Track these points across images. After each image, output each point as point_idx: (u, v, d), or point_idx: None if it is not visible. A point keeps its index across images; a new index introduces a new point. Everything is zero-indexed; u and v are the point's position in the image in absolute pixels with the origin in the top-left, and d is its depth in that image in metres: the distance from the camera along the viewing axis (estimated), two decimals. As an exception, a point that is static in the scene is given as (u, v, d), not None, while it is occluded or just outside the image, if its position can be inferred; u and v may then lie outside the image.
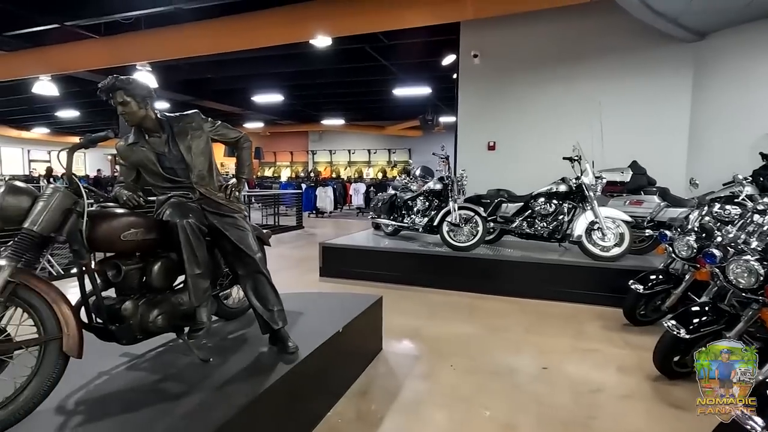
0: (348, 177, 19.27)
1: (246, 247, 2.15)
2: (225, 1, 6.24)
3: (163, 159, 2.10)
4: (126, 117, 2.00)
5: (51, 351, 1.53)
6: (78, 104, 14.43)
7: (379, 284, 5.05)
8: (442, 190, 5.45)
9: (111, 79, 1.97)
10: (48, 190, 1.61)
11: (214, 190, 2.20)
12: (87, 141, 1.73)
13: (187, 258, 1.94)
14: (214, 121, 2.28)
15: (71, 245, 1.65)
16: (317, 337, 2.36)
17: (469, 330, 3.70)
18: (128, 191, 2.01)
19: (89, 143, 1.72)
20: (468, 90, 6.66)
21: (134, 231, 1.82)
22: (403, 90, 11.91)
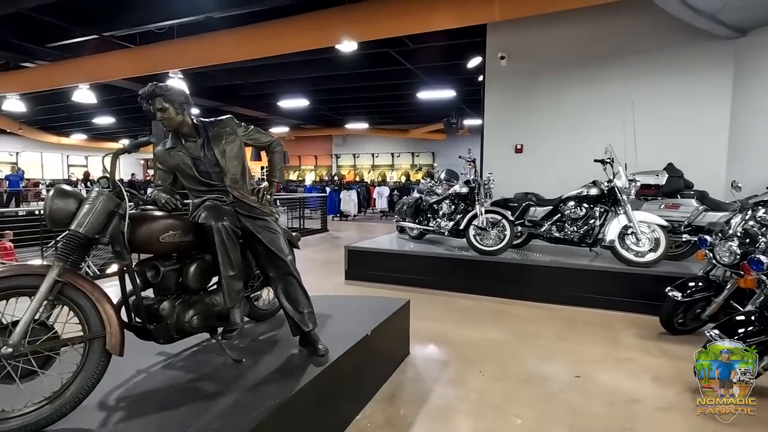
0: (371, 180, 19.34)
1: (277, 250, 2.18)
2: (254, 9, 6.40)
3: (198, 163, 2.15)
4: (164, 122, 2.07)
5: (95, 349, 1.58)
6: (113, 111, 15.03)
7: (404, 288, 5.03)
8: (468, 193, 5.39)
9: (151, 86, 2.03)
10: (93, 194, 1.67)
11: (247, 193, 2.24)
12: (130, 146, 1.79)
13: (221, 260, 1.98)
14: (247, 125, 2.32)
15: (113, 246, 1.71)
16: (346, 340, 2.36)
17: (498, 336, 3.63)
18: (166, 194, 2.07)
19: (132, 148, 1.78)
20: (494, 92, 6.58)
21: (172, 233, 1.87)
22: (428, 93, 11.89)
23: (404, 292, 4.84)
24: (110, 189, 1.71)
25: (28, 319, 1.47)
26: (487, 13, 5.37)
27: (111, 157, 1.73)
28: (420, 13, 5.59)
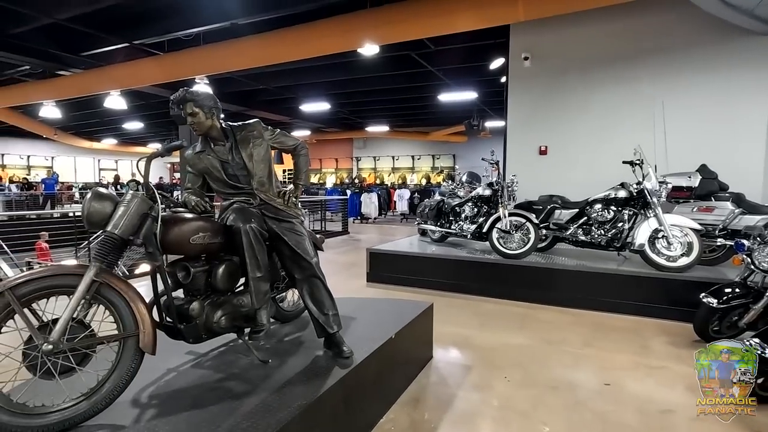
0: (392, 183, 19.36)
1: (303, 252, 2.19)
2: (278, 15, 6.51)
3: (226, 166, 2.19)
4: (194, 126, 2.12)
5: (129, 347, 1.63)
6: (142, 116, 15.51)
7: (426, 291, 5.01)
8: (491, 196, 5.33)
9: (182, 91, 2.09)
10: (127, 196, 1.72)
11: (273, 196, 2.27)
12: (163, 149, 1.84)
13: (249, 261, 2.01)
14: (274, 129, 2.36)
15: (146, 248, 1.76)
16: (370, 342, 2.36)
17: (523, 341, 3.56)
18: (196, 197, 2.11)
19: (165, 152, 1.83)
20: (518, 93, 6.49)
21: (202, 235, 1.91)
22: (449, 95, 11.83)
23: (426, 295, 4.82)
24: (143, 192, 1.76)
25: (68, 317, 1.53)
26: (511, 14, 5.31)
27: (145, 161, 1.78)
28: (443, 16, 5.57)
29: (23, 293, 1.51)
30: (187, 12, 6.68)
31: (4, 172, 19.80)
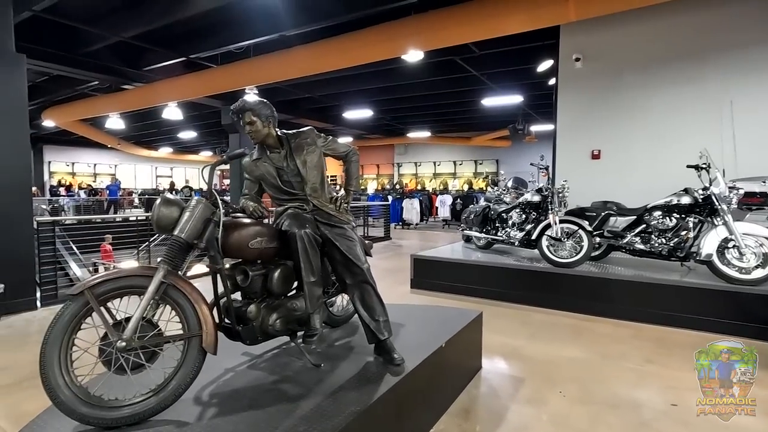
0: (433, 189, 19.24)
1: (354, 258, 2.21)
2: (325, 25, 6.67)
3: (281, 173, 2.25)
4: (252, 135, 2.19)
5: (193, 346, 1.70)
6: (195, 126, 16.38)
7: (471, 299, 4.90)
8: (540, 202, 5.15)
9: (241, 101, 2.17)
10: (192, 202, 1.81)
11: (326, 201, 2.30)
12: (227, 157, 1.92)
13: (303, 266, 2.04)
14: (326, 136, 2.40)
15: (208, 251, 1.83)
16: (421, 350, 2.33)
17: (578, 354, 3.40)
18: (253, 203, 2.18)
19: (229, 160, 1.91)
20: (568, 96, 6.26)
21: (259, 240, 1.96)
22: (493, 100, 11.63)
23: (472, 303, 4.72)
24: (206, 198, 1.84)
25: (139, 316, 1.61)
26: (562, 14, 5.14)
27: (209, 169, 1.86)
28: (490, 19, 5.49)
29: (100, 292, 1.62)
30: (239, 26, 6.99)
31: (74, 179, 21.54)
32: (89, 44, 7.91)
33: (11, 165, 4.18)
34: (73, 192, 18.00)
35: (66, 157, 21.71)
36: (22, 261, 4.36)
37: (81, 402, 1.53)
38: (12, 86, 4.16)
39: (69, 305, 1.59)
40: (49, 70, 8.98)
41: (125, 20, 6.86)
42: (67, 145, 20.49)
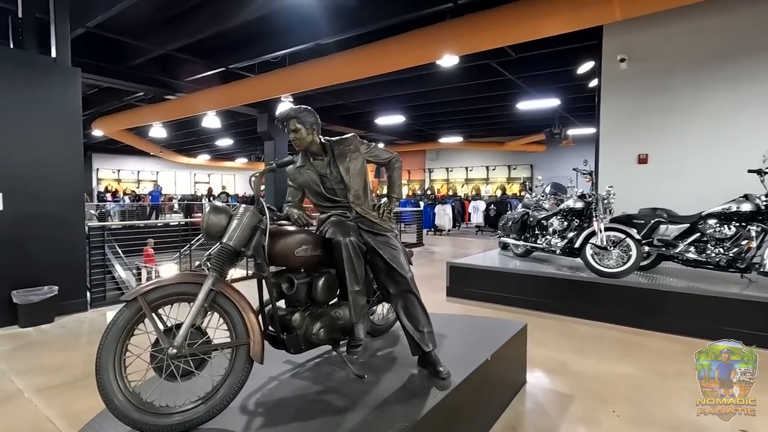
0: (465, 194, 18.99)
1: (398, 266, 2.16)
2: (360, 32, 6.72)
3: (325, 180, 2.24)
4: (296, 142, 2.19)
5: (240, 355, 1.69)
6: (232, 134, 16.88)
7: (511, 308, 4.75)
8: (583, 208, 4.94)
9: (286, 109, 2.18)
10: (240, 209, 1.81)
11: (369, 209, 2.27)
12: (277, 165, 1.92)
13: (348, 275, 2.01)
14: (369, 143, 2.37)
15: (255, 259, 1.83)
16: (465, 363, 2.24)
17: (630, 371, 3.20)
18: (297, 210, 2.18)
19: (277, 167, 1.91)
20: (612, 98, 6.01)
21: (305, 248, 1.95)
22: (528, 103, 11.37)
23: (510, 312, 4.57)
24: (255, 205, 1.84)
25: (189, 324, 1.62)
26: (606, 13, 4.94)
27: (258, 176, 1.86)
28: (530, 21, 5.35)
29: (152, 299, 1.64)
30: (276, 36, 7.14)
31: (120, 186, 22.65)
32: (135, 57, 8.31)
33: (66, 173, 4.40)
34: (118, 198, 18.90)
35: (112, 165, 22.87)
36: (75, 264, 4.57)
37: (134, 408, 1.55)
38: (67, 98, 4.38)
39: (123, 311, 1.61)
40: (99, 82, 9.48)
41: (168, 34, 7.16)
42: (114, 153, 21.59)
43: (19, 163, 4.09)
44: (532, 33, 5.52)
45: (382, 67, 7.04)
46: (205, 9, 6.54)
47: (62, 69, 4.41)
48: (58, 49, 4.40)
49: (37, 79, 4.18)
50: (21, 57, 4.30)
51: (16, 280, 4.15)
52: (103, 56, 8.27)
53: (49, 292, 4.21)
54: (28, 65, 4.22)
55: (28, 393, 2.85)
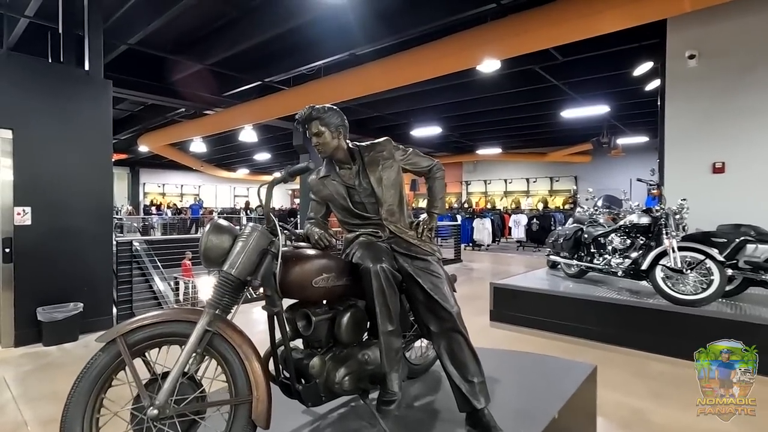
0: (504, 208, 18.22)
1: (442, 299, 1.75)
2: (396, 40, 6.45)
3: (353, 192, 1.88)
4: (319, 148, 1.85)
5: (241, 415, 1.33)
6: (269, 148, 17.08)
7: (566, 338, 4.19)
8: (650, 224, 4.32)
9: (307, 109, 1.84)
10: (246, 230, 1.48)
11: (405, 227, 1.88)
12: (287, 174, 1.58)
13: (379, 311, 1.62)
14: (406, 148, 2.00)
15: (265, 291, 1.48)
16: (526, 421, 1.78)
17: (728, 427, 2.59)
18: (319, 229, 1.82)
19: (289, 177, 1.56)
20: (679, 100, 5.35)
21: (326, 276, 1.58)
22: (574, 111, 10.67)
23: (567, 343, 4.01)
24: (264, 224, 1.49)
25: (177, 375, 1.28)
26: (672, 5, 4.38)
27: (267, 188, 1.52)
28: (581, 19, 4.85)
29: (135, 341, 1.31)
30: (311, 48, 7.02)
31: (164, 199, 23.50)
32: (176, 73, 8.45)
33: (95, 186, 4.31)
34: (162, 211, 19.54)
35: (157, 179, 23.81)
36: (101, 280, 4.45)
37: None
38: (99, 110, 4.32)
39: (99, 356, 1.30)
40: (145, 99, 9.78)
41: (206, 49, 7.19)
42: (159, 168, 22.47)
43: (49, 176, 4.02)
44: (584, 31, 5.01)
45: (420, 74, 6.71)
46: (240, 23, 6.51)
47: (94, 81, 4.36)
48: (91, 62, 4.36)
49: (70, 91, 4.13)
50: (55, 70, 4.29)
51: (42, 296, 4.05)
52: (146, 73, 8.48)
53: (74, 309, 4.08)
54: (61, 78, 4.19)
55: (32, 426, 2.62)
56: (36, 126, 3.92)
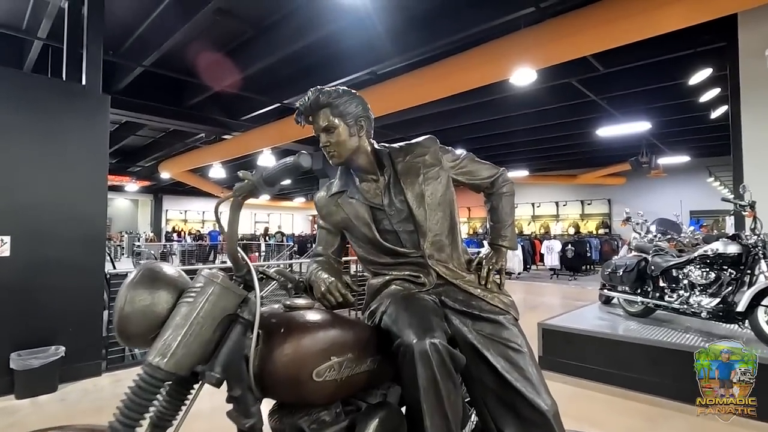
0: (532, 233, 17.29)
1: (527, 388, 1.07)
2: (419, 58, 5.99)
3: (380, 216, 1.25)
4: (331, 150, 1.24)
5: None
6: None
7: (640, 396, 3.36)
8: (741, 254, 3.52)
9: (313, 92, 1.25)
10: (199, 281, 0.85)
11: (461, 268, 1.23)
12: (263, 179, 0.96)
13: (429, 419, 0.96)
14: (456, 152, 1.37)
15: (230, 388, 0.84)
16: None
17: None
18: (328, 276, 1.17)
19: (267, 184, 0.95)
20: (758, 105, 4.58)
21: (337, 361, 0.93)
22: (612, 129, 9.91)
23: (643, 403, 3.19)
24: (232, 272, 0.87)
25: None
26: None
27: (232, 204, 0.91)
28: (637, 15, 4.23)
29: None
30: (330, 68, 6.68)
31: (186, 226, 23.50)
32: (193, 96, 8.23)
33: (87, 210, 3.83)
34: (181, 239, 19.41)
35: (180, 206, 23.91)
36: (90, 318, 3.90)
37: None
38: (95, 126, 3.92)
39: None
40: (164, 124, 9.61)
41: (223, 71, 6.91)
42: (182, 194, 22.58)
43: (33, 201, 3.56)
44: (634, 33, 4.40)
45: (445, 89, 6.19)
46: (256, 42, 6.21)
47: (91, 95, 3.96)
48: (88, 76, 3.97)
49: (62, 107, 3.73)
50: (46, 84, 3.91)
51: (19, 338, 3.52)
52: (164, 97, 8.32)
53: (54, 355, 3.52)
54: (53, 93, 3.81)
55: None
56: (19, 144, 3.49)
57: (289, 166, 0.91)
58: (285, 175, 0.94)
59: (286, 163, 0.91)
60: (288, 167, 0.92)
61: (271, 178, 0.92)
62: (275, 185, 0.93)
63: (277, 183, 0.92)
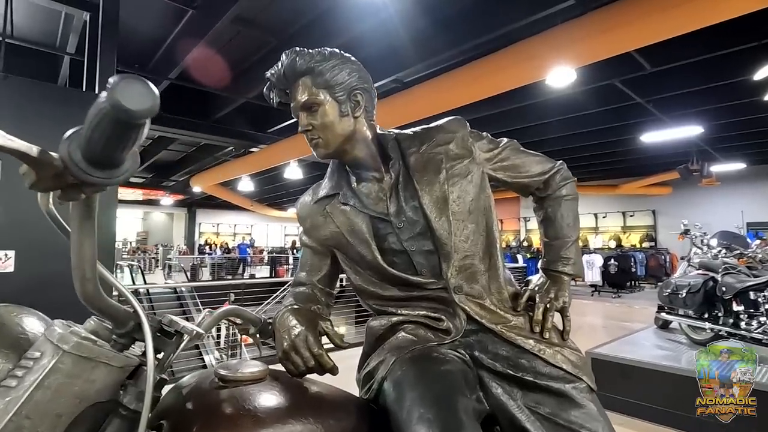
0: (571, 247, 16.37)
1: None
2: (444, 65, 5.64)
3: (384, 230, 0.86)
4: (314, 136, 0.90)
5: None
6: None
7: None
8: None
9: (290, 54, 0.89)
10: (38, 349, 0.49)
11: (504, 307, 0.83)
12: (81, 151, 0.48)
13: None
14: (491, 137, 0.97)
15: None
16: None
17: None
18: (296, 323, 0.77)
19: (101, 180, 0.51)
20: None
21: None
22: (658, 134, 9.16)
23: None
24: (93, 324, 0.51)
25: None
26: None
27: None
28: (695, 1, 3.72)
29: None
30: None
31: (218, 239, 23.89)
32: (221, 108, 8.22)
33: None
34: (212, 251, 19.68)
35: (212, 219, 24.40)
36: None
37: None
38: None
39: None
40: (193, 138, 9.69)
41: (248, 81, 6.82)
42: (214, 208, 23.05)
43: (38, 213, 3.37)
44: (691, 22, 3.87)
45: (475, 93, 5.78)
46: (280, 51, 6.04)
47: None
48: (101, 84, 3.84)
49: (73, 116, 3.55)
50: (57, 93, 3.79)
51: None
52: (192, 111, 8.36)
53: (55, 378, 3.30)
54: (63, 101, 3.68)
55: None
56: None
57: (103, 109, 0.46)
58: (113, 133, 0.47)
59: (99, 108, 0.49)
60: (104, 112, 0.44)
61: (92, 146, 0.48)
62: (114, 158, 0.48)
63: (112, 153, 0.49)
